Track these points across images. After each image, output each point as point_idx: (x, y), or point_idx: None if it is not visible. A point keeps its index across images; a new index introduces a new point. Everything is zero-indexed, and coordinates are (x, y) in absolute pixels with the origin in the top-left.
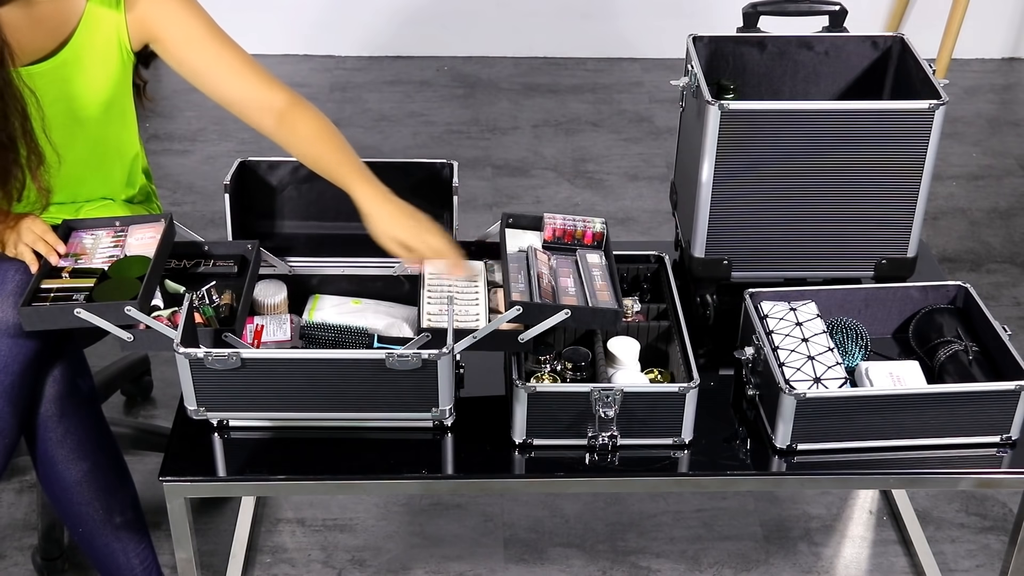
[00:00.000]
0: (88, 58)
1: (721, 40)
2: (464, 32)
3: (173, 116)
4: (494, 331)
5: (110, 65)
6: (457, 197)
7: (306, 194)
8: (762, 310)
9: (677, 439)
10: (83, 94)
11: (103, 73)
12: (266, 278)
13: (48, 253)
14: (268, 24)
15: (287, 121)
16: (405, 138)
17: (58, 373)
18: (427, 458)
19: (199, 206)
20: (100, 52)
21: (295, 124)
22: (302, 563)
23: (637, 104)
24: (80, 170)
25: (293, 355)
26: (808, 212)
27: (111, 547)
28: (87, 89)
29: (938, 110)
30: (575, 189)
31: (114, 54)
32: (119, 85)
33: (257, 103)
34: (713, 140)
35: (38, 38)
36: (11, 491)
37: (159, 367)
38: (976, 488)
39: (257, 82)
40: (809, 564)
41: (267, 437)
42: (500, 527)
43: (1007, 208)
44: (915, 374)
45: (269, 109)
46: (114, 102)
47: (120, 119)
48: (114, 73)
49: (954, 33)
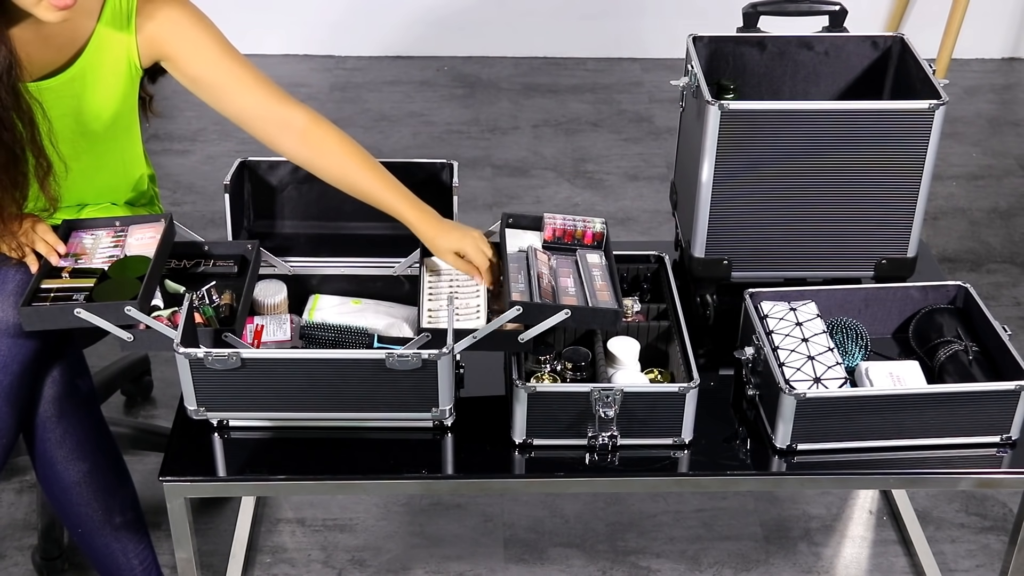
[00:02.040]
0: (96, 75)
1: (721, 40)
2: (464, 32)
3: (173, 116)
4: (494, 331)
5: (118, 82)
6: (457, 197)
7: (306, 194)
8: (762, 310)
9: (677, 439)
10: (90, 109)
11: (111, 90)
12: (266, 278)
13: (48, 253)
14: (268, 24)
15: (311, 141)
16: (405, 138)
17: (57, 374)
18: (427, 458)
19: (199, 206)
20: (109, 70)
21: (322, 145)
22: (302, 563)
23: (637, 104)
24: (85, 182)
25: (293, 355)
26: (808, 212)
27: (111, 547)
28: (94, 104)
29: (938, 110)
30: (575, 189)
31: (123, 72)
32: (126, 100)
33: (275, 121)
34: (713, 140)
35: (48, 54)
36: (11, 491)
37: (159, 367)
38: (976, 488)
39: (272, 99)
40: (809, 564)
41: (267, 437)
42: (500, 527)
43: (1007, 208)
44: (915, 374)
45: (288, 127)
46: (120, 116)
47: (126, 132)
48: (122, 89)
49: (954, 33)
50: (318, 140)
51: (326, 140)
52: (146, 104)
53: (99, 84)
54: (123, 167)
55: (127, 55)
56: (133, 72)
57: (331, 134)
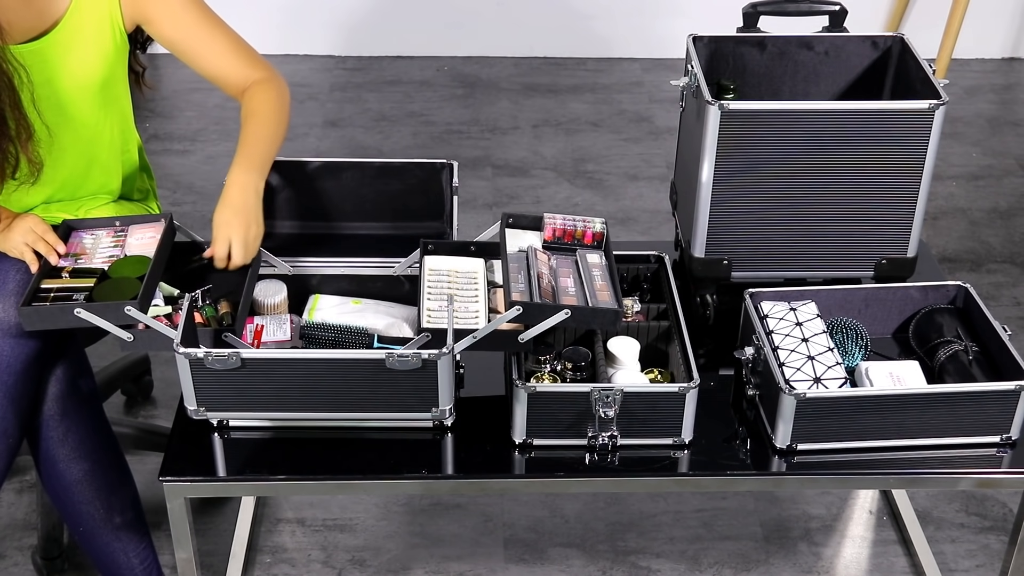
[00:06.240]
0: (80, 38)
1: (721, 40)
2: (464, 32)
3: (173, 116)
4: (494, 331)
5: (103, 46)
6: (457, 197)
7: (306, 194)
8: (762, 310)
9: (677, 439)
10: (75, 74)
11: (96, 54)
12: (266, 278)
13: (48, 253)
14: (268, 24)
15: (245, 96)
16: (405, 138)
17: (60, 372)
18: (427, 458)
19: (199, 206)
20: (92, 33)
21: (248, 99)
22: (302, 563)
23: (637, 104)
24: (75, 158)
25: (293, 355)
26: (808, 212)
27: (111, 546)
28: (79, 70)
29: (938, 110)
30: (575, 189)
31: (107, 35)
32: (113, 67)
33: (236, 82)
34: (713, 140)
35: (28, 17)
36: (11, 491)
37: (159, 367)
38: (976, 488)
39: (239, 63)
40: (809, 564)
41: (267, 437)
42: (500, 527)
43: (1007, 208)
44: (915, 374)
45: (244, 86)
46: (108, 85)
47: (115, 105)
48: (108, 55)
49: (954, 33)
50: (248, 96)
51: (252, 96)
52: (140, 77)
53: (83, 47)
54: (114, 145)
55: (110, 17)
56: (119, 38)
57: (259, 93)
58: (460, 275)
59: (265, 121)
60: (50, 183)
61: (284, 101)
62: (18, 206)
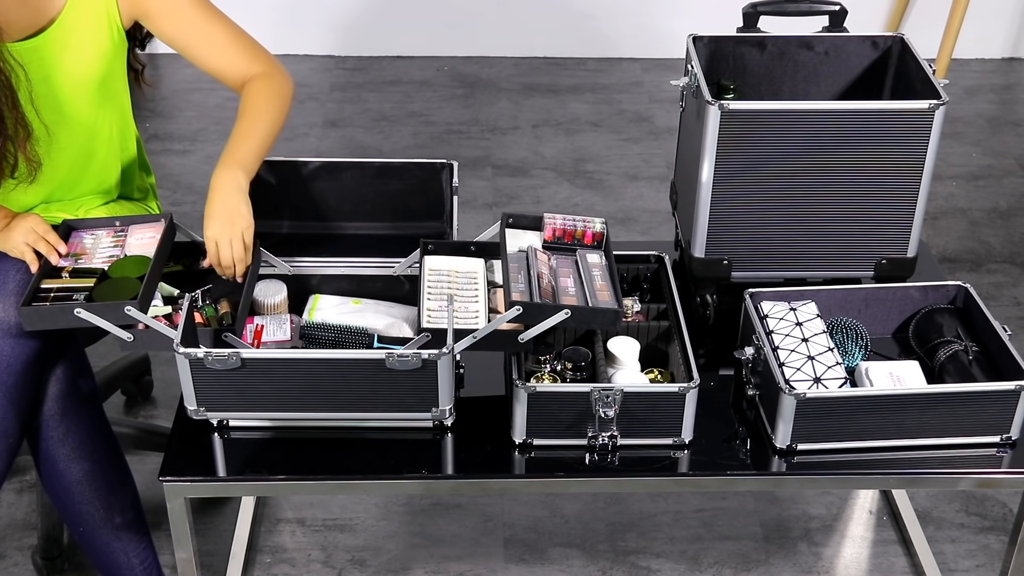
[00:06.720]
0: (77, 36)
1: (721, 40)
2: (464, 32)
3: (173, 116)
4: (494, 331)
5: (101, 43)
6: (457, 197)
7: (306, 194)
8: (762, 310)
9: (677, 439)
10: (73, 72)
11: (93, 52)
12: (266, 278)
13: (48, 253)
14: (268, 24)
15: (243, 91)
16: (405, 138)
17: (60, 372)
18: (427, 458)
19: (199, 206)
20: (90, 30)
21: (245, 94)
22: (302, 563)
23: (637, 104)
24: (73, 156)
25: (293, 355)
26: (808, 212)
27: (111, 546)
28: (77, 67)
29: (938, 110)
30: (575, 189)
31: (104, 32)
32: (111, 65)
33: (236, 76)
34: (713, 140)
35: (24, 15)
36: (11, 491)
37: (159, 367)
38: (976, 488)
39: (239, 57)
40: (809, 564)
41: (267, 437)
42: (500, 527)
43: (1007, 208)
44: (915, 374)
45: (244, 80)
46: (106, 83)
47: (114, 103)
48: (106, 52)
49: (954, 33)
50: (246, 90)
51: (249, 91)
52: (139, 75)
53: (80, 45)
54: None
55: (107, 14)
56: (116, 34)
57: (257, 88)
58: (460, 275)
59: (256, 116)
60: (48, 182)
61: (282, 94)
62: (16, 205)
